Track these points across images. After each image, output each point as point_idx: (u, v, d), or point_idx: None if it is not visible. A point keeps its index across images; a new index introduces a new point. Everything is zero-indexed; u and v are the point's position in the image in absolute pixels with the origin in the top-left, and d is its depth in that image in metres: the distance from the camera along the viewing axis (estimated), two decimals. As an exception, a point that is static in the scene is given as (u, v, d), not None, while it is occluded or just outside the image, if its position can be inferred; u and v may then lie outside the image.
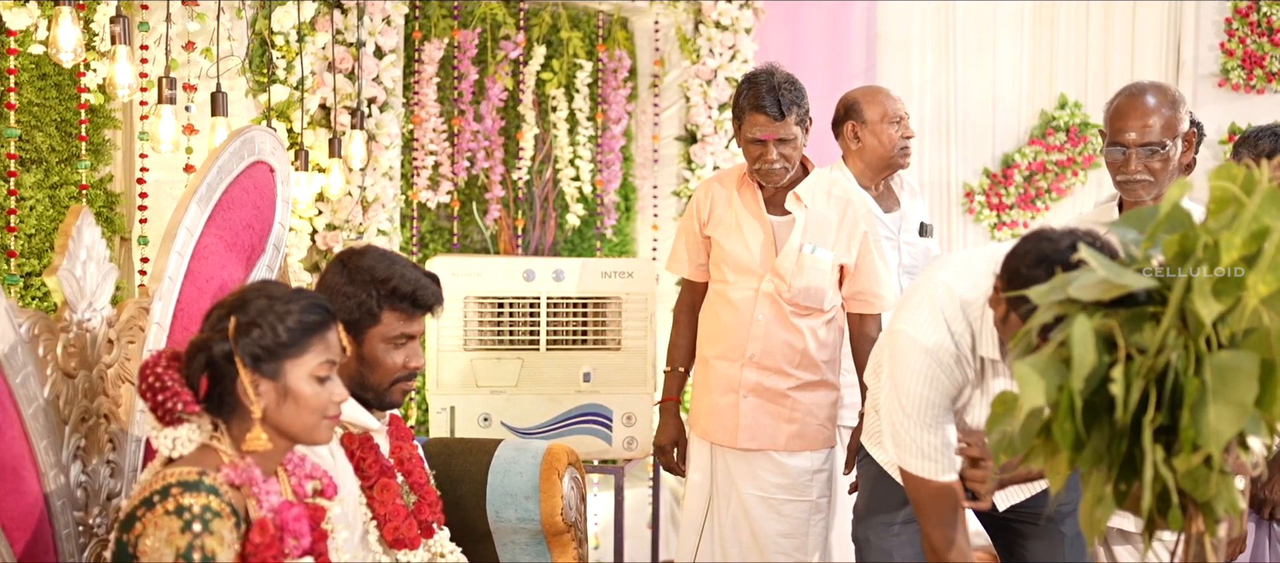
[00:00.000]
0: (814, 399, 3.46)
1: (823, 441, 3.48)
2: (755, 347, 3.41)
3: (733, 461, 3.46)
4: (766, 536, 3.43)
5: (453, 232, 5.16)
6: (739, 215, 3.45)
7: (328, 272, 2.54)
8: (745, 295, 3.41)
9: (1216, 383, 1.57)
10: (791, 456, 3.44)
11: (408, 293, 2.48)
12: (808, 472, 3.45)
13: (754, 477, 3.44)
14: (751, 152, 3.37)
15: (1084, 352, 1.56)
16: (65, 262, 2.25)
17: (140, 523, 1.91)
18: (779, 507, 3.44)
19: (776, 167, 3.34)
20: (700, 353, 3.57)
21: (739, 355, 3.43)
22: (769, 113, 3.29)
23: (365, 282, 2.47)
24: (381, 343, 2.49)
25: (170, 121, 3.17)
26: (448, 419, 4.01)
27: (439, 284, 2.54)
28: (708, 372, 3.51)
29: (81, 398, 2.29)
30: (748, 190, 3.46)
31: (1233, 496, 1.68)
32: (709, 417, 3.48)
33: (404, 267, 2.50)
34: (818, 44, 6.24)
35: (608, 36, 5.43)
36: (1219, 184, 1.68)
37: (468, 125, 5.13)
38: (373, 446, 2.53)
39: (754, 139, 3.34)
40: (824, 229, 3.40)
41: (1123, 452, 1.61)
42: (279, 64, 4.04)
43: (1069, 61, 6.08)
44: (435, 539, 2.63)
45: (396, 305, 2.48)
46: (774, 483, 3.44)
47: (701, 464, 3.53)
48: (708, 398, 3.50)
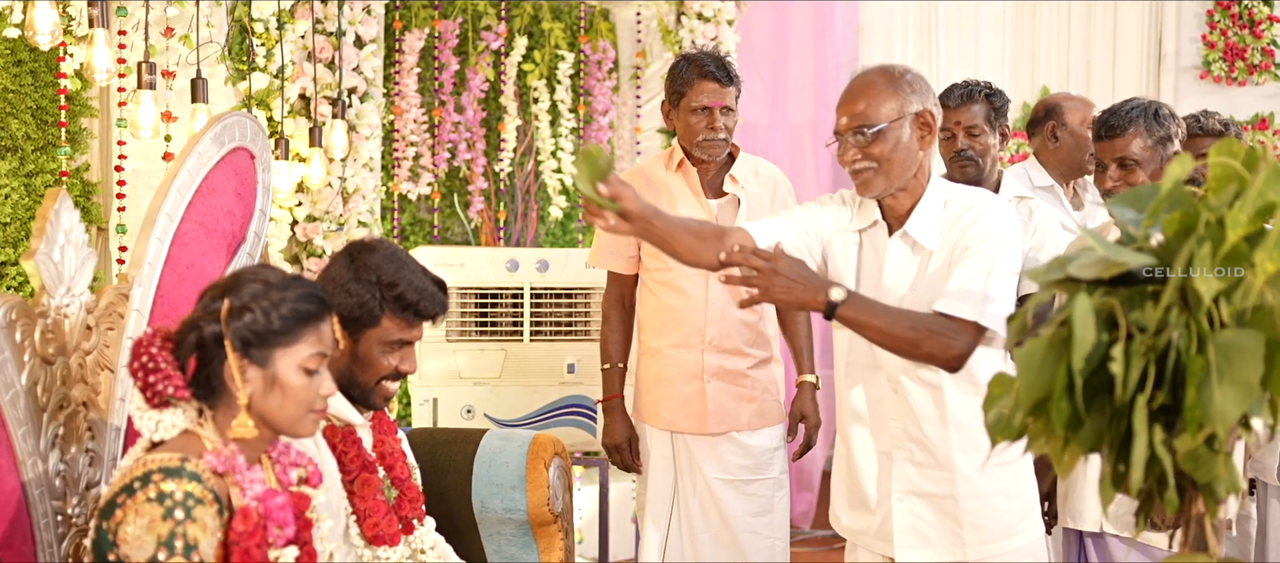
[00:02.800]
0: (768, 375, 3.50)
1: (778, 416, 3.52)
2: (714, 330, 3.40)
3: (695, 446, 3.46)
4: (736, 517, 3.44)
5: (433, 224, 5.11)
6: (675, 201, 3.43)
7: (334, 263, 2.48)
8: (694, 280, 3.39)
9: (1221, 362, 1.55)
10: (752, 434, 3.46)
11: (413, 302, 2.42)
12: (768, 449, 3.48)
13: (718, 460, 3.44)
14: (696, 123, 3.37)
15: (1085, 330, 1.53)
16: (43, 245, 2.20)
17: (121, 510, 1.86)
18: (744, 487, 3.45)
19: (721, 136, 3.37)
20: (647, 345, 3.52)
21: (697, 341, 3.42)
22: (717, 79, 3.34)
23: (371, 282, 2.41)
24: (378, 345, 2.44)
25: (150, 107, 3.12)
26: (431, 411, 3.97)
27: (445, 291, 2.49)
28: (660, 362, 3.48)
29: (60, 385, 2.24)
30: (682, 175, 3.46)
31: (1234, 477, 1.66)
32: (671, 407, 3.46)
33: (412, 272, 2.44)
34: (799, 37, 6.23)
35: (589, 28, 5.39)
36: (1220, 160, 1.66)
37: (449, 116, 5.09)
38: (355, 440, 2.48)
39: (701, 106, 3.36)
40: (760, 209, 3.42)
41: (1122, 432, 1.59)
42: (259, 52, 3.99)
43: (1051, 54, 6.08)
44: (416, 535, 2.58)
45: (400, 312, 2.42)
46: (738, 464, 3.45)
47: (664, 456, 3.51)
48: (666, 388, 3.47)
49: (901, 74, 2.54)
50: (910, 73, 2.56)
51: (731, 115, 3.39)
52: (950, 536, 2.56)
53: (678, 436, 3.48)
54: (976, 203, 2.54)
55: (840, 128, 2.53)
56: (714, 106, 3.35)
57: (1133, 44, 5.92)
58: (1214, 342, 1.57)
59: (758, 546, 3.46)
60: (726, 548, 3.45)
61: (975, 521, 2.54)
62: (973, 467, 2.53)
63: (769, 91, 5.88)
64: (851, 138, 2.51)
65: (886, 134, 2.49)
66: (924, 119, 2.52)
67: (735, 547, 3.45)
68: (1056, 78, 6.04)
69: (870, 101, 2.50)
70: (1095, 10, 5.99)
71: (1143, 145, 2.90)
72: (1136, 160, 2.90)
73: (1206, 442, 1.62)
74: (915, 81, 2.54)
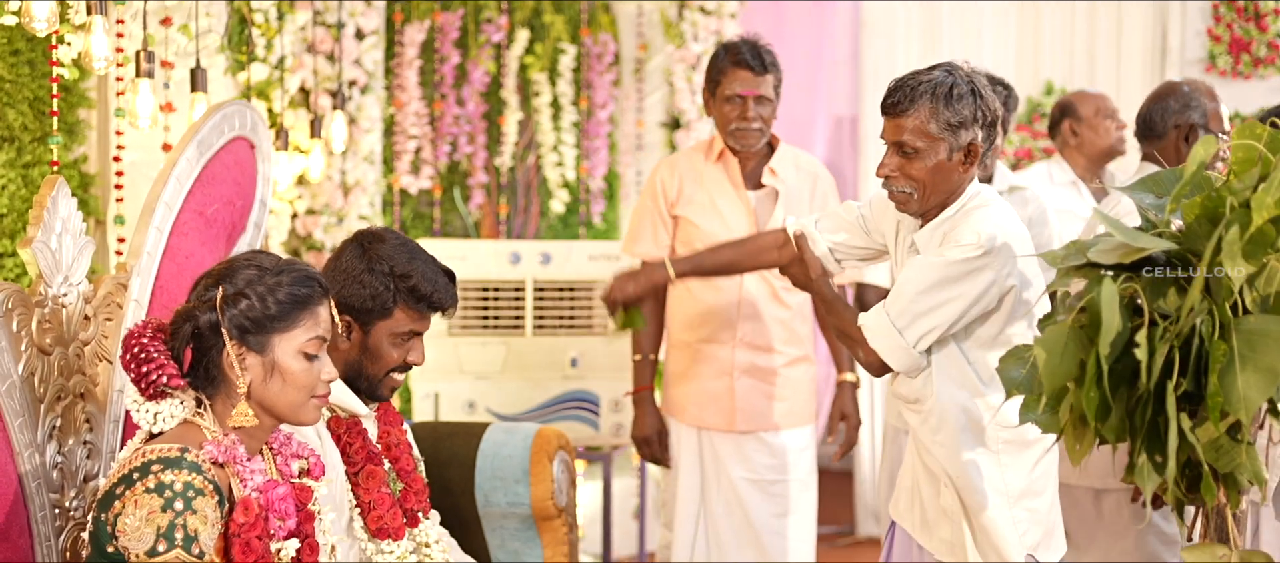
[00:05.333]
0: (801, 374, 3.45)
1: (809, 415, 3.48)
2: (746, 327, 3.36)
3: (721, 444, 3.41)
4: (760, 519, 3.40)
5: (434, 218, 5.08)
6: (713, 193, 3.39)
7: (344, 254, 2.44)
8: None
9: (1245, 348, 1.52)
10: (779, 434, 3.42)
11: (426, 294, 2.40)
12: (795, 449, 3.43)
13: (744, 459, 3.40)
14: (730, 112, 3.32)
15: (1111, 315, 1.50)
16: (40, 233, 2.18)
17: (119, 501, 1.83)
18: (769, 487, 3.41)
19: (754, 126, 3.31)
20: (678, 338, 3.48)
21: (729, 337, 3.38)
22: (752, 67, 3.28)
23: (384, 274, 2.38)
24: (388, 336, 2.41)
25: (148, 96, 3.08)
26: (432, 405, 3.94)
27: (455, 282, 2.47)
28: (691, 356, 3.44)
29: (57, 376, 2.21)
30: (721, 166, 3.41)
31: (1258, 465, 1.62)
32: (700, 403, 3.42)
33: (424, 264, 2.42)
34: (802, 32, 6.19)
35: (591, 21, 5.36)
36: (1243, 143, 1.63)
37: (449, 110, 5.05)
38: (360, 431, 2.45)
39: (734, 95, 3.30)
40: (799, 202, 3.38)
41: (1147, 420, 1.56)
42: (258, 43, 3.95)
43: (1054, 49, 6.04)
44: (421, 528, 2.54)
45: (412, 304, 2.40)
46: (764, 464, 3.41)
47: (692, 452, 3.46)
48: (695, 384, 3.42)
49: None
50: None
51: (767, 105, 3.32)
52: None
53: (705, 433, 3.43)
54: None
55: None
56: (748, 96, 3.29)
57: (1137, 38, 5.88)
58: (1237, 328, 1.54)
59: (781, 547, 3.42)
60: (750, 548, 3.41)
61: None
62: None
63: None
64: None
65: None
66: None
67: (758, 547, 3.40)
68: (1060, 73, 6.01)
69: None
70: (1099, 4, 5.96)
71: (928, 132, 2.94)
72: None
73: (1229, 430, 1.60)
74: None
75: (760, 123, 3.31)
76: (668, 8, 5.35)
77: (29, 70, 3.36)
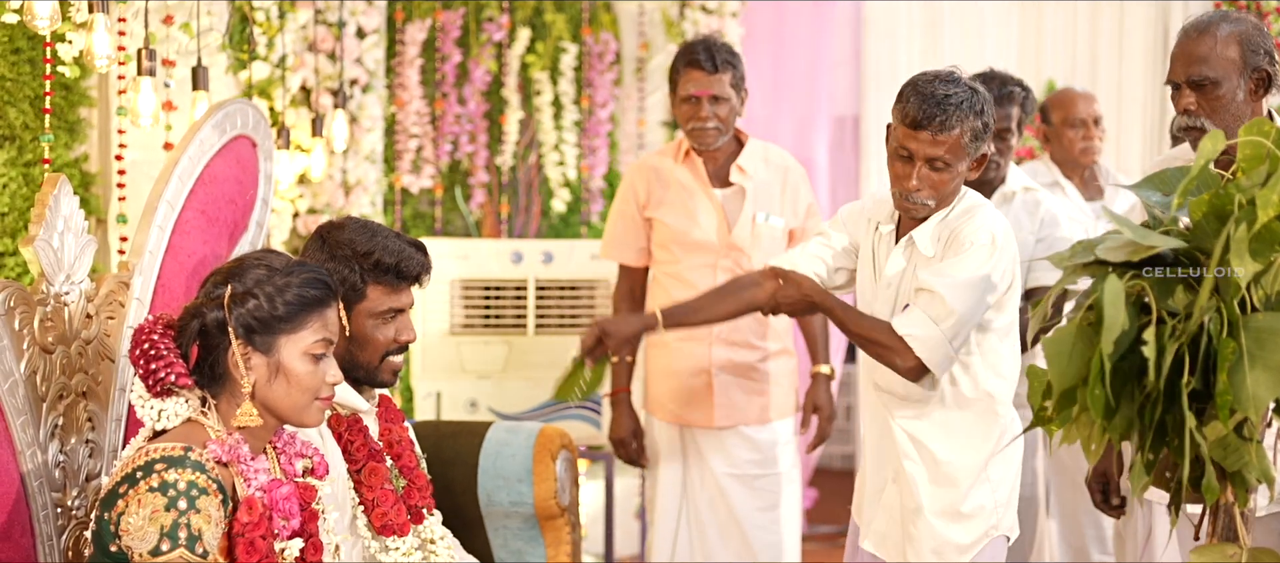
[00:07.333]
0: (781, 368, 3.46)
1: (790, 408, 3.49)
2: (723, 323, 3.36)
3: (702, 440, 3.43)
4: (743, 512, 3.41)
5: (435, 217, 5.07)
6: (682, 193, 3.40)
7: (307, 248, 2.44)
8: (702, 272, 3.36)
9: (1253, 346, 1.51)
10: (761, 428, 3.43)
11: (392, 265, 2.37)
12: (776, 443, 3.45)
13: (725, 454, 3.41)
14: (685, 112, 3.34)
15: (1115, 313, 1.49)
16: (42, 232, 2.17)
17: (123, 500, 1.82)
18: (752, 482, 3.43)
19: (710, 125, 3.31)
20: (656, 336, 3.48)
21: (706, 334, 3.39)
22: (703, 67, 3.28)
23: (347, 257, 2.36)
24: (370, 319, 2.39)
25: (150, 94, 3.07)
26: (434, 404, 3.93)
27: (425, 252, 2.44)
28: (668, 355, 3.45)
29: (59, 374, 2.21)
30: (688, 166, 3.42)
31: (1265, 464, 1.62)
32: (679, 400, 3.43)
33: (386, 237, 2.40)
34: (802, 32, 6.18)
35: (593, 20, 5.35)
36: (1250, 140, 1.62)
37: (451, 108, 5.05)
38: (361, 428, 2.44)
39: (688, 96, 3.31)
40: (769, 197, 3.39)
41: (1155, 419, 1.55)
42: (260, 41, 3.94)
43: (1056, 47, 6.03)
44: (425, 525, 2.54)
45: (381, 279, 2.38)
46: (746, 459, 3.43)
47: (672, 449, 3.48)
48: (674, 381, 3.44)
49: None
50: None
51: (723, 104, 3.32)
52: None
53: (686, 429, 3.44)
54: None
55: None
56: (702, 95, 3.30)
57: (1140, 36, 5.87)
58: (1245, 326, 1.54)
59: (765, 541, 3.43)
60: (734, 543, 3.42)
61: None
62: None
63: (772, 85, 5.83)
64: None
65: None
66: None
67: (743, 542, 3.42)
68: (1062, 72, 5.99)
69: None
70: (1101, 4, 5.95)
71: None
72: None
73: (1236, 428, 1.59)
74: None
75: (716, 121, 3.32)
76: (669, 7, 5.35)
77: (30, 69, 3.35)
